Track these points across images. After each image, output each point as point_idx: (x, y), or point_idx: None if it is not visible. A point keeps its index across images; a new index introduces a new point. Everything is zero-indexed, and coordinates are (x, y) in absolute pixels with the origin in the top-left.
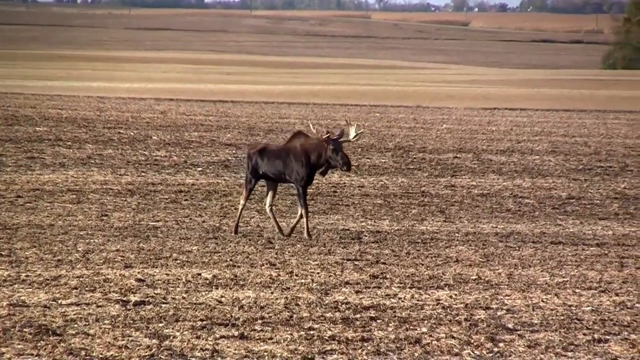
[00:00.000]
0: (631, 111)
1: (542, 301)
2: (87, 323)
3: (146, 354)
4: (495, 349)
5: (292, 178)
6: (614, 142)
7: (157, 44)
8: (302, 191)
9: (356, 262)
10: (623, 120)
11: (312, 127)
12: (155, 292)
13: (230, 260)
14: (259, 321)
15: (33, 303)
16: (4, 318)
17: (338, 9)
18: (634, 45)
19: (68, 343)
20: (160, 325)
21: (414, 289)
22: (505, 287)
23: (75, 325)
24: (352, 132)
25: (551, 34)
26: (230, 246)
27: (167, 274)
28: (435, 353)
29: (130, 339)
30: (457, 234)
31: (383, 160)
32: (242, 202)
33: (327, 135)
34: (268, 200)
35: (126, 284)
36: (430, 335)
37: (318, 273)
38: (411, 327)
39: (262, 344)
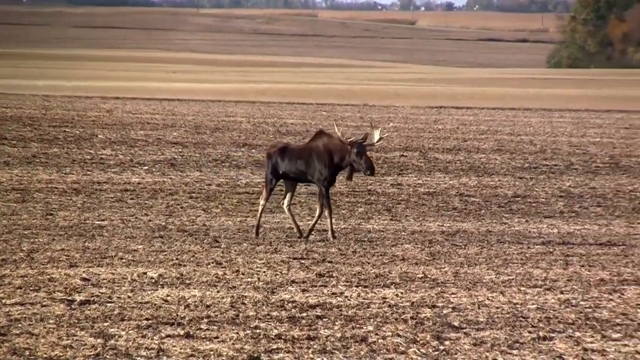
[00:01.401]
0: (576, 110)
1: (488, 299)
2: (31, 323)
3: (91, 353)
4: (441, 347)
5: (314, 178)
6: (559, 141)
7: (104, 42)
8: (325, 192)
9: (302, 261)
10: (568, 119)
11: (336, 129)
12: (101, 291)
13: (176, 259)
14: (205, 320)
15: None
16: None
17: (285, 7)
18: (579, 44)
19: (12, 343)
20: (106, 324)
21: (360, 287)
22: (451, 285)
23: (20, 325)
24: (376, 136)
25: (497, 32)
26: (176, 245)
27: (113, 273)
28: (382, 351)
29: (75, 338)
30: (403, 233)
31: None
32: (262, 202)
33: (351, 140)
34: (286, 200)
35: (71, 283)
36: (376, 334)
37: (264, 272)
38: (357, 325)
39: (207, 343)
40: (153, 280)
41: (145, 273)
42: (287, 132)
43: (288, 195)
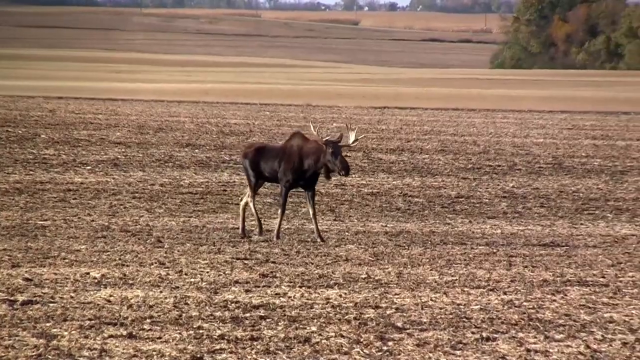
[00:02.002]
0: (519, 110)
1: (431, 300)
2: None
3: (33, 353)
4: (385, 348)
5: (279, 177)
6: (503, 141)
7: (47, 42)
8: (285, 192)
9: (246, 261)
10: (511, 120)
11: (312, 129)
12: (43, 291)
13: (119, 259)
14: (148, 320)
15: None
16: None
17: (228, 7)
18: (522, 44)
19: None
20: (48, 324)
21: (303, 287)
22: (395, 286)
23: None
24: (351, 137)
25: (440, 33)
26: (119, 245)
27: (55, 273)
28: (325, 352)
29: (17, 338)
30: (346, 233)
31: None
32: (250, 204)
33: (326, 139)
34: (245, 198)
35: (13, 284)
36: (320, 334)
37: (207, 272)
38: (301, 326)
39: (150, 343)
40: (96, 281)
41: (88, 273)
42: (231, 132)
43: (248, 195)
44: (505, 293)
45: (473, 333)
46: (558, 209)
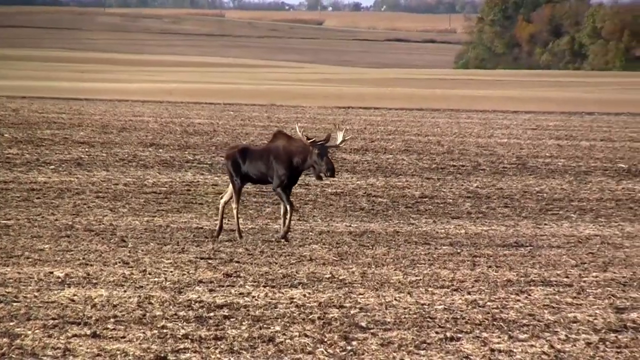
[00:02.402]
0: (483, 110)
1: (396, 300)
2: None
3: None
4: (349, 348)
5: (272, 179)
6: (467, 142)
7: (10, 41)
8: (283, 192)
9: (210, 261)
10: (475, 120)
11: (298, 130)
12: (7, 290)
13: (83, 258)
14: (112, 320)
15: None
16: None
17: (192, 7)
18: (486, 45)
19: None
20: (12, 324)
21: (267, 287)
22: (359, 285)
23: None
24: (339, 137)
25: (404, 33)
26: (82, 244)
27: (19, 273)
28: (289, 352)
29: None
30: (310, 233)
31: None
32: (234, 205)
33: (312, 140)
34: (225, 197)
35: None
36: (284, 334)
37: (171, 271)
38: (265, 325)
39: (114, 342)
40: (60, 280)
41: (51, 272)
42: (195, 132)
43: (229, 194)
44: (469, 293)
45: (437, 333)
46: (522, 209)
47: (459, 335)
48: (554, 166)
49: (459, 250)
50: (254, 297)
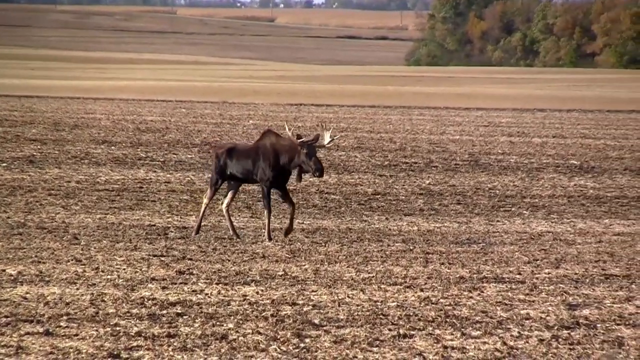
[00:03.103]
0: (435, 107)
1: (348, 297)
2: None
3: None
4: (302, 345)
5: (257, 177)
6: (419, 138)
7: None
8: (267, 192)
9: (162, 258)
10: (428, 117)
11: (287, 129)
12: None
13: (36, 256)
14: (65, 317)
15: None
16: None
17: (144, 4)
18: (438, 42)
19: None
20: None
21: (220, 284)
22: (312, 282)
23: None
24: (326, 137)
25: (356, 30)
26: (35, 242)
27: None
28: (242, 349)
29: None
30: (263, 230)
31: (189, 156)
32: (205, 201)
33: (301, 140)
34: (226, 200)
35: None
36: (237, 331)
37: (124, 269)
38: (218, 323)
39: (67, 340)
40: (12, 278)
41: (4, 270)
42: (147, 129)
43: (229, 196)
44: (422, 290)
45: (390, 330)
46: (474, 206)
47: (412, 332)
48: (506, 163)
49: (411, 247)
50: (206, 294)
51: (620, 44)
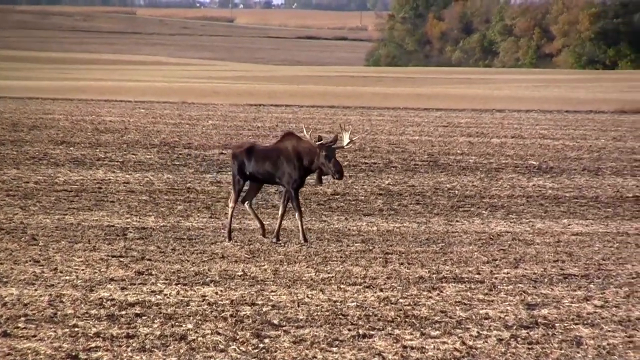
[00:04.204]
0: (395, 108)
1: (308, 297)
2: None
3: None
4: (261, 345)
5: (282, 180)
6: (379, 139)
7: None
8: (295, 194)
9: (121, 259)
10: (387, 117)
11: (305, 131)
12: None
13: None
14: (23, 319)
15: None
16: None
17: (103, 4)
18: (397, 42)
19: None
20: None
21: (179, 285)
22: (271, 283)
23: None
24: (345, 138)
25: (316, 30)
26: None
27: None
28: (201, 349)
29: None
30: (222, 231)
31: (149, 157)
32: (231, 204)
33: (320, 142)
34: (248, 198)
35: None
36: (196, 332)
37: (83, 270)
38: (177, 323)
39: (25, 341)
40: None
41: None
42: (106, 129)
43: (250, 195)
44: (381, 290)
45: (349, 330)
46: (434, 206)
47: (372, 332)
48: (465, 163)
49: (371, 248)
50: (165, 295)
51: (578, 45)
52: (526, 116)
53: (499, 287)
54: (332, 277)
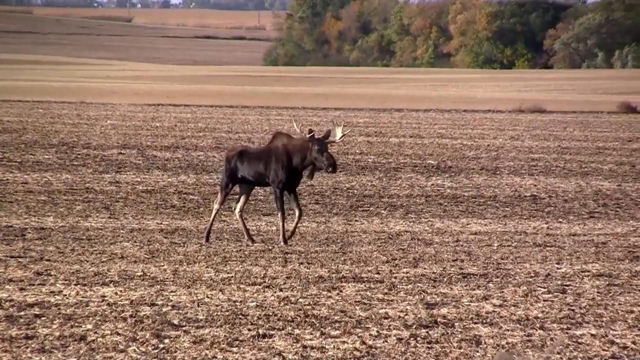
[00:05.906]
0: (293, 107)
1: (207, 297)
2: None
3: None
4: (161, 345)
5: (269, 179)
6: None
7: None
8: (279, 194)
9: (20, 259)
10: (286, 117)
11: (296, 127)
12: None
13: None
14: None
15: None
16: None
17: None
18: (295, 41)
19: None
20: None
21: (79, 285)
22: (171, 283)
23: None
24: (338, 133)
25: (214, 30)
26: None
27: None
28: (101, 350)
29: None
30: (122, 231)
31: (47, 157)
32: (215, 206)
33: (311, 135)
34: (239, 205)
35: None
36: (96, 332)
37: None
38: (76, 324)
39: None
40: None
41: None
42: (4, 129)
43: (242, 200)
44: (281, 290)
45: (249, 330)
46: (333, 205)
47: (271, 332)
48: (364, 163)
49: (270, 247)
50: (65, 295)
51: (476, 44)
52: (424, 116)
53: (398, 286)
54: (232, 277)
